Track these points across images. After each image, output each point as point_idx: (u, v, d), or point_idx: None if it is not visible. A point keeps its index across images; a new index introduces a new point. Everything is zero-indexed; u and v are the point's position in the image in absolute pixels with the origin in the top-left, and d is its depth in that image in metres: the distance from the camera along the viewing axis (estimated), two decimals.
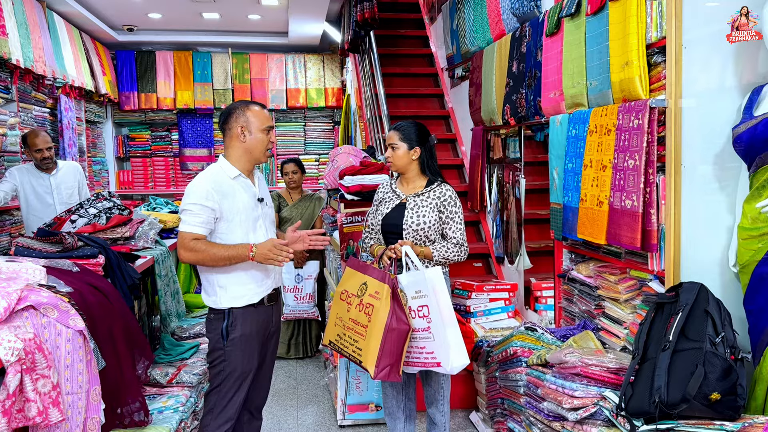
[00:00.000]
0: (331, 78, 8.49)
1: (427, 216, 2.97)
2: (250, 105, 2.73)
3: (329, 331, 2.95)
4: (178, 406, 2.75)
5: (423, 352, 2.75)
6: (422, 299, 2.74)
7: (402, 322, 2.68)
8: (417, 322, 2.75)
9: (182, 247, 2.60)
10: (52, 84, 5.68)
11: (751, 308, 2.25)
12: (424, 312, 2.73)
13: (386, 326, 2.65)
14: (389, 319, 2.66)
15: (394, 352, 2.67)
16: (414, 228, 2.96)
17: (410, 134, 3.02)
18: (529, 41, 3.76)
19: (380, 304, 2.71)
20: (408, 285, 2.79)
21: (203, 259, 2.59)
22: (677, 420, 2.02)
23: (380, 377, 2.67)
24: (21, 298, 1.87)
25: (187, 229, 2.59)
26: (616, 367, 2.48)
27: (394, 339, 2.66)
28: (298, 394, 4.47)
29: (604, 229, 2.84)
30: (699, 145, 2.49)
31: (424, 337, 2.74)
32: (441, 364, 2.73)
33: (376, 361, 2.66)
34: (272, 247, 2.58)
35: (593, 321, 3.15)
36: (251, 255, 2.59)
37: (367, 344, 2.70)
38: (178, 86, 8.09)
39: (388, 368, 2.67)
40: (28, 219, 4.57)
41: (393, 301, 2.69)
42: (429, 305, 2.73)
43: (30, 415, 1.70)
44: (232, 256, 2.60)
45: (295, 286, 5.02)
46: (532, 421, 2.86)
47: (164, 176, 8.32)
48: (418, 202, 3.00)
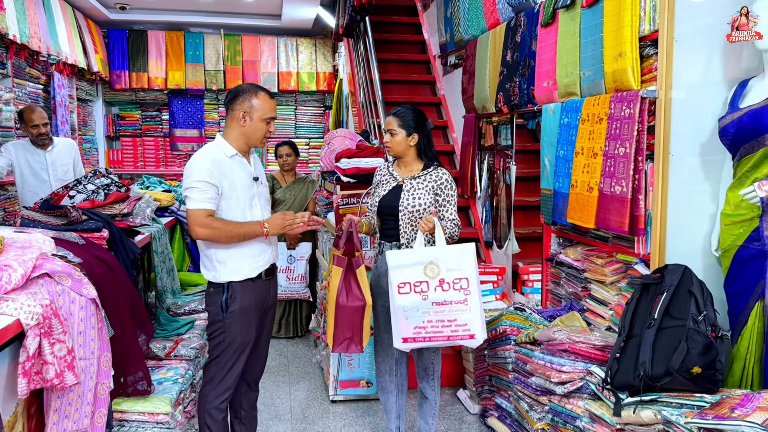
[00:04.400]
0: (323, 62, 8.52)
1: (422, 198, 3.05)
2: (260, 91, 2.74)
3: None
4: (177, 377, 2.82)
5: (452, 324, 2.81)
6: (458, 272, 2.81)
7: (355, 298, 2.83)
8: (450, 295, 2.80)
9: (197, 224, 2.63)
10: (46, 61, 5.66)
11: (731, 290, 2.37)
12: (462, 285, 2.79)
13: (336, 303, 2.84)
14: (338, 296, 2.84)
15: (350, 327, 2.83)
16: (410, 210, 3.05)
17: (408, 120, 3.09)
18: (524, 31, 3.84)
19: (332, 281, 2.89)
20: (439, 258, 2.84)
21: (218, 236, 2.65)
22: (660, 392, 2.15)
23: (339, 350, 2.85)
24: (36, 266, 1.92)
25: (197, 206, 2.63)
26: (602, 344, 2.61)
27: (347, 314, 2.82)
28: (289, 371, 4.57)
29: (593, 214, 2.95)
30: (687, 135, 2.61)
31: (459, 310, 2.79)
32: (475, 336, 2.80)
33: (333, 336, 2.85)
34: (283, 218, 2.72)
35: (579, 302, 3.27)
36: (265, 231, 2.69)
37: (329, 321, 2.91)
38: (170, 66, 8.07)
39: (347, 341, 2.85)
40: (23, 195, 4.58)
41: (344, 278, 2.86)
42: (469, 278, 2.80)
43: (48, 377, 1.77)
44: (247, 233, 2.68)
45: (288, 266, 5.10)
46: (520, 396, 2.98)
47: (154, 156, 8.32)
48: (415, 185, 3.09)
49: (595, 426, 2.38)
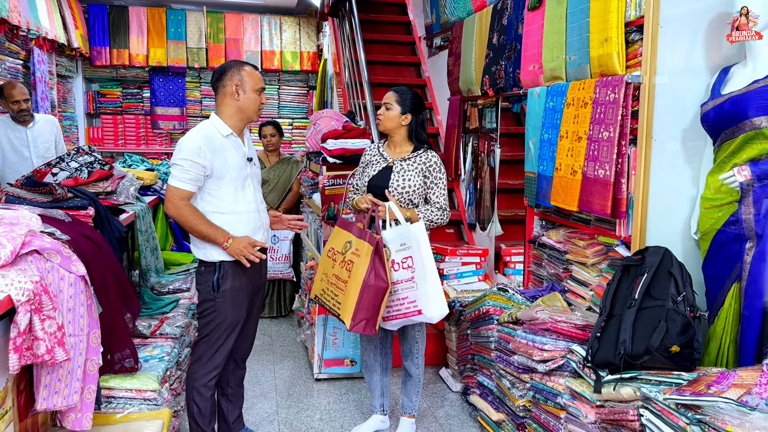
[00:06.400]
0: (307, 42, 8.45)
1: (412, 180, 3.08)
2: (244, 65, 2.79)
3: (316, 286, 3.06)
4: (164, 355, 2.84)
5: (404, 302, 2.89)
6: (406, 251, 2.88)
7: (381, 280, 2.80)
8: (401, 274, 2.88)
9: (169, 201, 2.67)
10: (26, 35, 5.56)
11: (709, 273, 2.44)
12: (408, 263, 2.86)
13: (364, 282, 2.79)
14: (367, 275, 2.79)
15: (370, 308, 2.79)
16: (399, 191, 3.07)
17: (406, 100, 3.12)
18: (511, 14, 3.86)
19: (360, 261, 2.84)
20: (392, 239, 2.91)
21: (184, 222, 2.69)
22: (640, 370, 2.21)
23: (355, 330, 2.80)
24: (25, 243, 1.92)
25: (176, 184, 2.65)
26: (583, 323, 2.67)
27: (371, 295, 2.78)
28: (273, 350, 4.60)
29: (576, 197, 3.00)
30: (669, 120, 2.65)
31: (408, 287, 2.87)
32: (422, 312, 2.86)
33: (353, 315, 2.79)
34: (248, 245, 2.71)
35: (561, 283, 3.33)
36: (225, 245, 2.70)
37: (346, 298, 2.84)
38: (151, 43, 7.95)
39: (364, 322, 2.80)
40: (4, 172, 4.52)
41: (373, 259, 2.82)
42: (413, 256, 2.86)
43: (39, 353, 1.78)
44: (209, 236, 2.70)
45: (272, 246, 5.10)
46: (502, 374, 3.04)
47: (134, 134, 8.21)
48: (405, 167, 3.11)
49: (575, 403, 2.45)
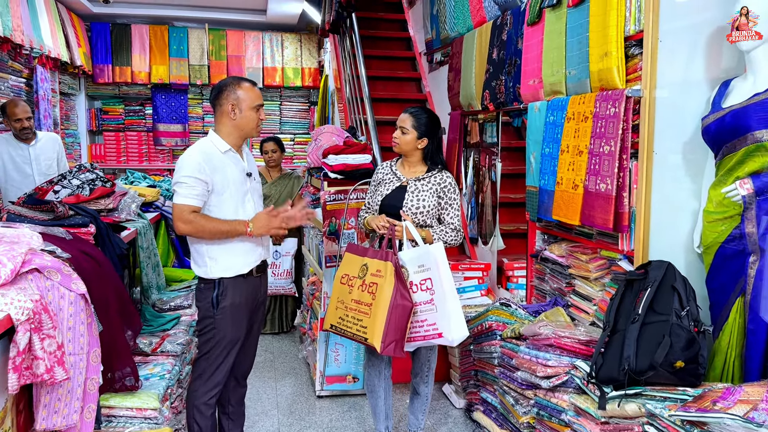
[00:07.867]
0: (309, 58, 8.51)
1: (426, 200, 3.06)
2: (242, 82, 2.77)
3: (330, 316, 2.99)
4: (164, 373, 2.82)
5: (424, 324, 2.83)
6: (425, 273, 2.83)
7: (406, 299, 2.76)
8: (420, 296, 2.83)
9: (179, 219, 2.65)
10: (29, 54, 5.60)
11: (713, 286, 2.42)
12: (427, 285, 2.82)
13: (391, 303, 2.74)
14: (394, 295, 2.74)
15: (399, 329, 2.74)
16: (413, 211, 3.05)
17: (421, 125, 3.09)
18: (510, 29, 3.87)
19: (384, 282, 2.78)
20: (410, 261, 2.87)
21: (200, 231, 2.66)
22: (644, 386, 2.19)
23: (386, 352, 2.74)
24: (26, 261, 1.92)
25: (182, 201, 2.64)
26: (587, 339, 2.65)
27: (399, 315, 2.74)
28: (275, 366, 4.57)
29: (578, 211, 2.99)
30: (670, 134, 2.65)
31: (427, 310, 2.83)
32: (443, 335, 2.80)
33: (383, 337, 2.73)
34: (269, 219, 2.70)
35: (564, 298, 3.31)
36: (249, 230, 2.68)
37: (373, 321, 2.77)
38: (154, 60, 8.02)
39: (394, 344, 2.74)
40: (6, 189, 4.54)
41: (397, 279, 2.78)
42: (432, 278, 2.82)
43: (38, 372, 1.77)
44: (230, 231, 2.68)
45: (273, 262, 5.09)
46: (506, 390, 3.01)
47: (137, 151, 8.26)
48: (419, 186, 3.09)
49: (580, 419, 2.42)
